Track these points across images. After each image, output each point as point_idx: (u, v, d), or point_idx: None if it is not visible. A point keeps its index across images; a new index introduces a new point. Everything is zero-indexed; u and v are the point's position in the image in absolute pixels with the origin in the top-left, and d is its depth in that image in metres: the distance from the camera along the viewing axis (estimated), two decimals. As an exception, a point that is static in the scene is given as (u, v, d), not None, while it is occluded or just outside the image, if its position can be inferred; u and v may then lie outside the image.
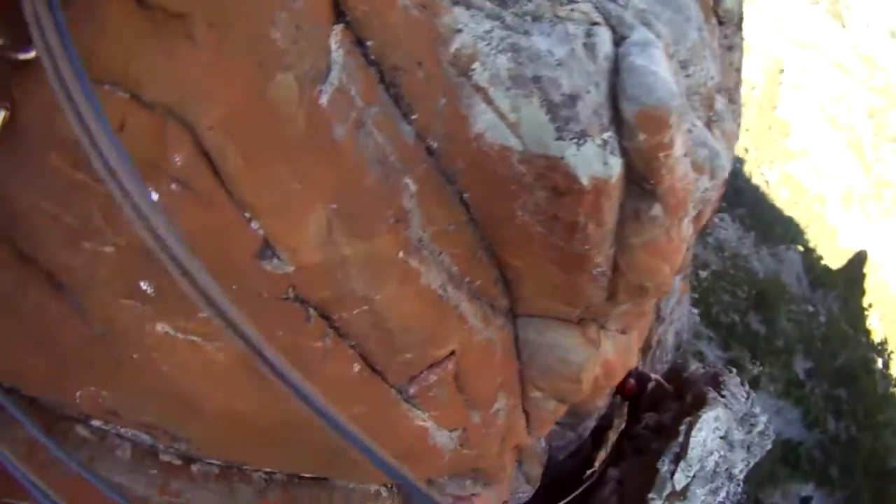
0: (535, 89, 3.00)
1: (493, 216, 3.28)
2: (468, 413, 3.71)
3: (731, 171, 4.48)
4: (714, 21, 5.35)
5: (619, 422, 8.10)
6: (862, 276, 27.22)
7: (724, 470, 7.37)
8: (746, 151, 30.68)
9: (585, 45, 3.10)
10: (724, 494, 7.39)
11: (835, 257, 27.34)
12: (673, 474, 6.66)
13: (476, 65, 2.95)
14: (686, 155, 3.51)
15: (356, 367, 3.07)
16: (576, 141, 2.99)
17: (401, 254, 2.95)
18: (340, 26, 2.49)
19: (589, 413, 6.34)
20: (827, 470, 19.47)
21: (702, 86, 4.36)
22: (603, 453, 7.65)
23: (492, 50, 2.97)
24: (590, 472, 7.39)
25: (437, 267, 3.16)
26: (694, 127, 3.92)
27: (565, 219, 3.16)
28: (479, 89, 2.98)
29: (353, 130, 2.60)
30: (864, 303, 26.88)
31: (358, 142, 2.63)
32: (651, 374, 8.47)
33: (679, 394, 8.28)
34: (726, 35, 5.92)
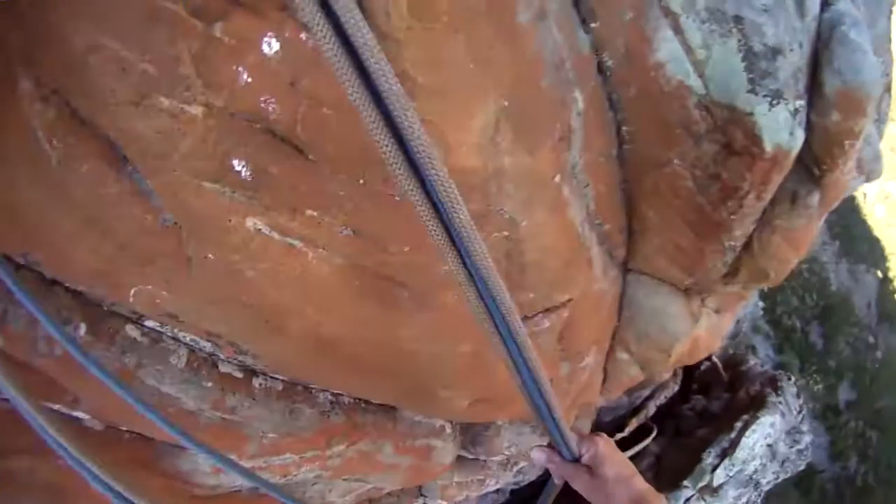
0: (734, 29, 2.63)
1: (645, 157, 2.95)
2: (559, 364, 3.44)
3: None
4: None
5: (661, 393, 7.81)
6: (930, 324, 26.27)
7: (756, 479, 7.14)
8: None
9: (795, -3, 2.73)
10: (744, 501, 7.18)
11: (912, 295, 26.29)
12: (715, 469, 6.44)
13: (671, -16, 2.60)
14: (857, 150, 3.17)
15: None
16: (769, 100, 2.63)
17: (557, 177, 2.57)
18: None
19: (653, 383, 6.11)
20: (834, 508, 19.12)
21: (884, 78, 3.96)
22: (635, 421, 7.42)
23: (692, -28, 2.61)
24: (620, 435, 7.19)
25: (580, 201, 2.84)
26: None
27: (727, 181, 2.83)
28: (669, 13, 2.61)
29: (536, 21, 2.23)
30: (925, 353, 25.96)
31: (539, 35, 2.26)
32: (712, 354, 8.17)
33: (732, 385, 7.98)
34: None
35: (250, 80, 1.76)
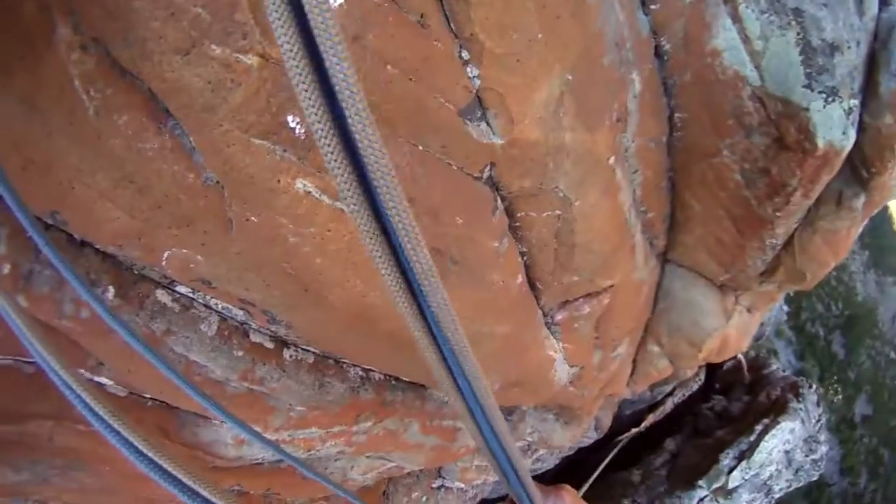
0: (794, 22, 2.62)
1: (695, 146, 2.93)
2: (592, 352, 3.43)
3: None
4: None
5: (680, 391, 7.79)
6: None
7: (770, 485, 7.10)
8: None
9: (856, -5, 2.70)
10: (754, 506, 7.14)
11: (938, 313, 25.80)
12: (731, 471, 6.42)
13: (733, -28, 2.59)
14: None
15: (519, 280, 2.59)
16: (825, 97, 2.62)
17: (612, 159, 2.53)
18: None
19: (677, 378, 6.08)
20: (837, 524, 18.91)
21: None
22: (652, 417, 7.41)
23: (754, -38, 2.60)
24: (635, 430, 7.19)
25: (629, 186, 2.83)
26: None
27: (776, 176, 2.82)
28: (730, 2, 2.62)
29: None
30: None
31: (603, 11, 2.23)
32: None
33: (753, 388, 7.94)
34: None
35: (313, 32, 1.67)
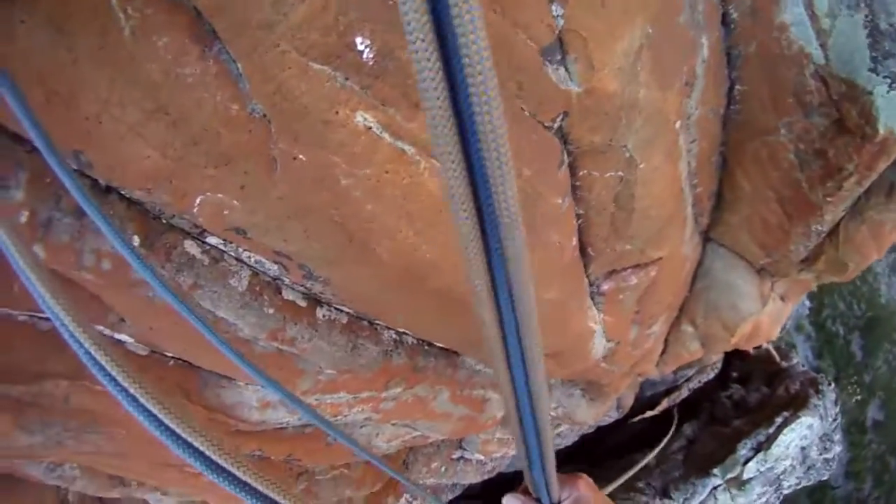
0: (863, 4, 2.56)
1: (752, 122, 2.88)
2: (630, 327, 3.41)
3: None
4: None
5: (697, 377, 7.75)
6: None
7: (780, 480, 7.08)
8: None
9: (923, -20, 2.65)
10: (764, 500, 7.13)
11: (960, 320, 25.48)
12: (748, 461, 6.41)
13: (806, -57, 2.54)
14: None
15: (573, 242, 2.50)
16: (889, 81, 2.55)
17: (678, 123, 2.48)
18: None
19: (701, 363, 6.05)
20: (840, 528, 18.84)
21: None
22: (666, 402, 7.38)
23: (829, -62, 2.55)
24: (650, 413, 7.16)
25: (686, 155, 2.79)
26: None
27: (833, 160, 2.76)
28: None
29: None
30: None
31: None
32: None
33: (771, 380, 7.89)
34: None
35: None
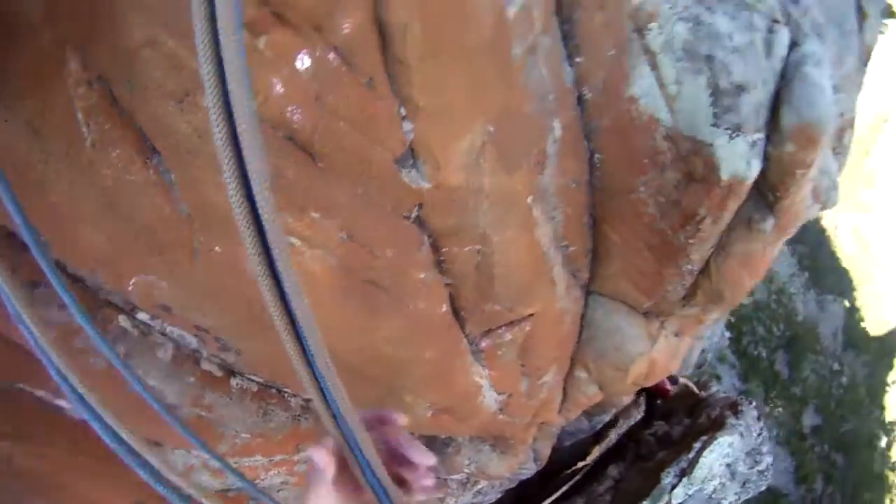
0: (705, 68, 2.83)
1: (613, 184, 3.11)
2: (520, 379, 3.59)
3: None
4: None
5: (623, 421, 7.95)
6: (894, 351, 26.50)
7: (717, 498, 7.25)
8: (824, 192, 29.21)
9: (765, 40, 2.92)
10: (705, 520, 7.28)
11: (877, 325, 26.51)
12: (673, 488, 6.54)
13: (653, 25, 2.79)
14: (811, 179, 3.34)
15: (444, 308, 2.83)
16: (730, 133, 2.83)
17: (530, 199, 2.75)
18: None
19: (612, 406, 6.24)
20: (798, 531, 19.26)
21: (841, 116, 4.15)
22: (597, 450, 7.53)
23: (673, 15, 2.80)
24: (582, 463, 7.29)
25: (548, 223, 3.00)
26: (825, 154, 3.74)
27: (686, 207, 3.01)
28: (649, 52, 2.83)
29: (527, 55, 2.42)
30: (889, 378, 26.20)
31: (527, 67, 2.44)
32: (679, 377, 8.32)
33: (692, 411, 8.11)
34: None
35: (282, 90, 1.92)
